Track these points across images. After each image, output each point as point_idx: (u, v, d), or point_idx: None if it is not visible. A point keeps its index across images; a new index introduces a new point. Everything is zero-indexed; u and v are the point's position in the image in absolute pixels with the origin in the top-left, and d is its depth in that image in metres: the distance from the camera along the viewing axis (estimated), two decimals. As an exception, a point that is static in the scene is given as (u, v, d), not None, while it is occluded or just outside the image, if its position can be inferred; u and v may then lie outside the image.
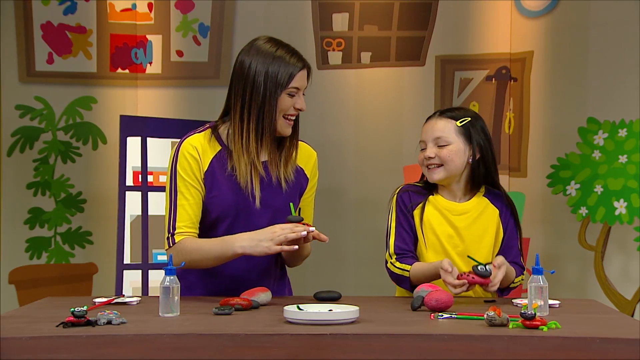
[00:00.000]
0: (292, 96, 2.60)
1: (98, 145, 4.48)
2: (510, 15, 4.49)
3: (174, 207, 2.59)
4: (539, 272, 2.26)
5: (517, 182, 4.42)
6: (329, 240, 2.52)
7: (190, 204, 2.59)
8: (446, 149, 2.73)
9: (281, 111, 2.60)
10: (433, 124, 2.77)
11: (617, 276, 4.15)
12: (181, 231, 2.57)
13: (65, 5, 4.47)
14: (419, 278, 2.64)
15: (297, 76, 2.60)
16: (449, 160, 2.73)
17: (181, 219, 2.58)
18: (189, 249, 2.54)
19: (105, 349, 1.92)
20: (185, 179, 2.60)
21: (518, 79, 4.46)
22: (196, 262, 2.54)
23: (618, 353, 1.91)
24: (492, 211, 2.78)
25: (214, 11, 4.54)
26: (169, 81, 4.51)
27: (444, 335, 1.97)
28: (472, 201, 2.78)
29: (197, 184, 2.60)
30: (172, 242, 2.57)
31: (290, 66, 2.60)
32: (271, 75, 2.58)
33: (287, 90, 2.59)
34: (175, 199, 2.60)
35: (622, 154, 4.11)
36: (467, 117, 2.76)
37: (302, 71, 2.62)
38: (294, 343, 1.94)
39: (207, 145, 2.63)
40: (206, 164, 2.61)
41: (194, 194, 2.60)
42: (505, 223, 2.78)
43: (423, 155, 2.76)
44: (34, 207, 4.43)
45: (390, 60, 4.55)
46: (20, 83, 4.44)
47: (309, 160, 2.74)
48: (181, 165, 2.61)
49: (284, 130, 2.62)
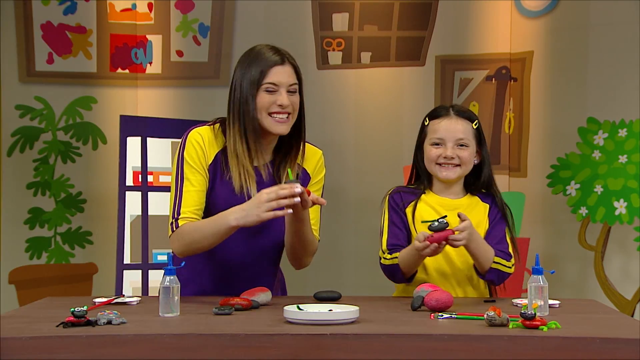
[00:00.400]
0: (271, 92, 2.56)
1: (98, 145, 4.48)
2: (510, 15, 4.49)
3: (180, 192, 2.57)
4: (539, 272, 2.26)
5: (517, 182, 4.42)
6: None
7: (197, 190, 2.57)
8: (467, 150, 2.74)
9: (262, 109, 2.56)
10: (454, 124, 2.76)
11: (617, 276, 4.16)
12: (185, 216, 2.55)
13: (65, 5, 4.47)
14: (406, 263, 2.63)
15: (272, 71, 2.56)
16: (468, 162, 2.75)
17: (186, 204, 2.56)
18: (188, 230, 2.53)
19: (105, 349, 1.92)
20: (191, 166, 2.58)
21: (518, 79, 4.46)
22: (196, 243, 2.52)
23: (618, 353, 1.91)
24: (482, 207, 2.79)
25: (214, 11, 4.54)
26: (169, 81, 4.51)
27: (444, 335, 1.97)
28: (464, 198, 2.80)
29: (202, 171, 2.59)
30: (175, 227, 2.55)
31: (264, 62, 2.57)
32: (247, 74, 2.57)
33: (263, 87, 2.56)
34: (181, 185, 2.58)
35: (622, 154, 4.11)
36: (476, 119, 2.78)
37: (279, 66, 2.58)
38: (294, 343, 1.94)
39: (213, 139, 2.62)
40: (211, 157, 2.61)
41: (200, 181, 2.58)
42: (493, 215, 2.78)
43: (439, 153, 2.74)
44: (34, 207, 4.43)
45: (390, 60, 4.55)
46: (20, 83, 4.43)
47: (312, 158, 2.72)
48: (188, 153, 2.59)
49: (274, 128, 2.58)
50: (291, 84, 2.59)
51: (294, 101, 2.60)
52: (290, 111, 2.59)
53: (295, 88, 2.61)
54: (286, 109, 2.58)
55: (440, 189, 2.79)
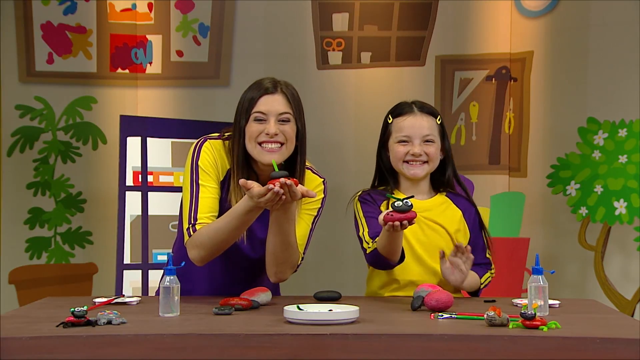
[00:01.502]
0: (260, 121, 2.54)
1: (98, 145, 4.48)
2: (510, 15, 4.49)
3: (196, 199, 2.55)
4: (539, 272, 2.26)
5: (517, 182, 4.42)
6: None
7: (212, 197, 2.55)
8: (433, 146, 2.73)
9: (251, 138, 2.53)
10: (420, 120, 2.74)
11: (617, 276, 4.16)
12: (202, 221, 2.52)
13: (65, 5, 4.47)
14: (382, 245, 2.56)
15: (261, 100, 2.54)
16: (435, 158, 2.74)
17: (203, 210, 2.53)
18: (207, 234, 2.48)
19: (105, 349, 1.92)
20: (207, 173, 2.56)
21: (518, 79, 4.46)
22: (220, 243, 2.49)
23: (618, 353, 1.91)
24: (453, 210, 2.76)
25: (214, 11, 4.54)
26: (169, 81, 4.51)
27: (444, 335, 1.97)
28: (434, 199, 2.78)
29: (216, 180, 2.58)
30: (192, 231, 2.52)
31: (256, 90, 2.56)
32: (241, 103, 2.57)
33: (253, 116, 2.54)
34: (197, 191, 2.55)
35: (622, 154, 4.11)
36: (439, 114, 2.78)
37: (269, 95, 2.55)
38: (294, 343, 1.94)
39: (225, 155, 2.61)
40: (224, 172, 2.60)
41: (214, 188, 2.57)
42: (471, 223, 2.76)
43: (406, 150, 2.72)
44: (34, 207, 4.43)
45: (390, 60, 4.55)
46: (20, 83, 4.43)
47: (309, 184, 2.64)
48: (203, 162, 2.57)
49: (261, 157, 2.53)
50: (281, 112, 2.55)
51: (285, 130, 2.54)
52: (282, 140, 2.54)
53: (288, 117, 2.56)
54: (275, 137, 2.53)
55: (407, 189, 2.76)
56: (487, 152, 4.52)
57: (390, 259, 2.59)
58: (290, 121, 2.56)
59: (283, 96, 2.57)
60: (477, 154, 4.49)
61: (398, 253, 2.58)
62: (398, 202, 2.38)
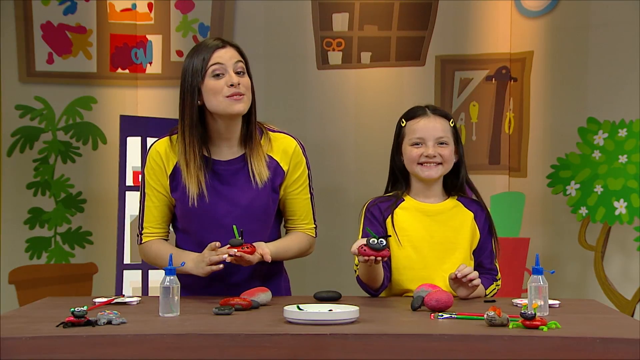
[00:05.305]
0: (218, 76, 2.53)
1: (98, 145, 4.49)
2: (510, 15, 4.49)
3: (142, 207, 2.68)
4: (539, 272, 2.26)
5: (517, 182, 4.42)
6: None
7: (156, 206, 2.65)
8: (447, 148, 2.73)
9: (216, 93, 2.51)
10: (433, 122, 2.75)
11: (617, 276, 4.16)
12: (147, 232, 2.67)
13: (65, 5, 4.47)
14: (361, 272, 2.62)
15: (214, 55, 2.53)
16: (449, 160, 2.73)
17: (147, 220, 2.67)
18: (151, 253, 2.66)
19: (105, 349, 1.92)
20: (150, 183, 2.65)
21: (518, 79, 4.46)
22: (159, 265, 2.64)
23: (618, 353, 1.91)
24: (465, 213, 2.75)
25: (214, 11, 4.54)
26: (169, 81, 4.51)
27: (444, 335, 1.97)
28: (445, 202, 2.77)
29: (161, 187, 2.63)
30: (139, 241, 2.69)
31: (205, 49, 2.55)
32: (190, 66, 2.55)
33: (209, 72, 2.52)
34: (143, 200, 2.68)
35: (622, 154, 4.12)
36: (452, 117, 2.79)
37: (220, 49, 2.55)
38: (294, 343, 1.94)
39: (170, 150, 2.62)
40: (170, 168, 2.62)
41: (159, 198, 2.65)
42: (482, 226, 2.76)
43: (420, 152, 2.72)
44: (34, 207, 4.44)
45: (390, 60, 4.55)
46: (20, 83, 4.44)
47: (285, 150, 2.65)
48: (147, 170, 2.65)
49: (232, 108, 2.52)
50: (236, 61, 2.55)
51: (244, 81, 2.55)
52: (243, 91, 2.54)
53: (242, 67, 2.56)
54: (238, 88, 2.52)
55: (419, 193, 2.75)
56: (487, 152, 4.52)
57: (370, 286, 2.65)
58: (245, 73, 2.58)
59: (234, 48, 2.58)
60: (477, 154, 4.49)
61: (377, 282, 2.62)
62: (373, 239, 2.41)
